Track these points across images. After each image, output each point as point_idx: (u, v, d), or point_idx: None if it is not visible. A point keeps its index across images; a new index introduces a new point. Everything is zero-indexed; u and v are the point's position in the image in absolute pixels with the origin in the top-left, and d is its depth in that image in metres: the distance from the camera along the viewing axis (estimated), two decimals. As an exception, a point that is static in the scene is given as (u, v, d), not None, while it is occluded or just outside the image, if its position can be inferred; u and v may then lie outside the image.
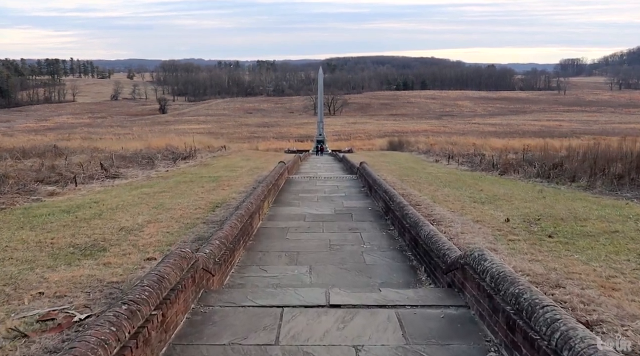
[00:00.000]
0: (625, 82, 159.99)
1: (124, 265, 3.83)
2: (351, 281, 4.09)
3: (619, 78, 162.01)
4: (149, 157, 17.81)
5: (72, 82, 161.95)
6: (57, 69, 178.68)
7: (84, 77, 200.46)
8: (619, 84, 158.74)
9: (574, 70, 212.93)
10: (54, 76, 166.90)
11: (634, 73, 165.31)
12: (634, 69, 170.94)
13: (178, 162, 17.29)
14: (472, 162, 17.98)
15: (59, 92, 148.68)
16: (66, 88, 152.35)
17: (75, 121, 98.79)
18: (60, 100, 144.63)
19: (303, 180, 11.29)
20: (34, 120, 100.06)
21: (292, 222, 6.56)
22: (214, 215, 6.14)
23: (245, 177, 10.78)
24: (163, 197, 7.77)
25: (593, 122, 79.21)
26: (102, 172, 12.68)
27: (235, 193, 8.01)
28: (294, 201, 8.32)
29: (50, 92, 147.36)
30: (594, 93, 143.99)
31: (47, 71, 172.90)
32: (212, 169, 14.03)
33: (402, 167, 14.91)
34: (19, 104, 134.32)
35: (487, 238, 4.69)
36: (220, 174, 12.03)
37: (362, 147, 48.66)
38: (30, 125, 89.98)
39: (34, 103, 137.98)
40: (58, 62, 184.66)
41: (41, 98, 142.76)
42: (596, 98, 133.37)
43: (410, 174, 11.84)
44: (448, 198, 7.47)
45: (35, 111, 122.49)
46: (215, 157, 20.56)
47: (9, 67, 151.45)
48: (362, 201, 8.35)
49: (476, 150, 23.86)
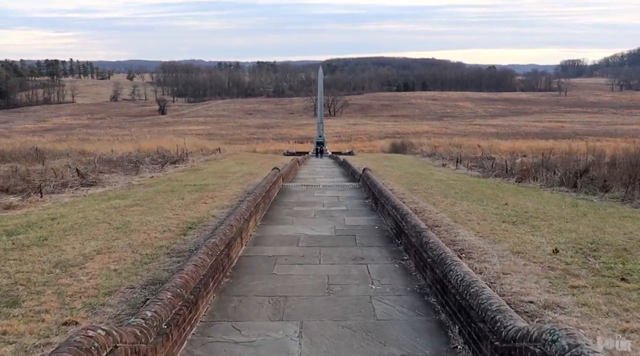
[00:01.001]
0: (626, 83, 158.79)
1: (21, 340, 2.60)
2: (358, 353, 2.88)
3: (620, 79, 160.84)
4: (136, 161, 16.62)
5: (71, 83, 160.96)
6: (57, 70, 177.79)
7: (84, 78, 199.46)
8: (619, 85, 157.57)
9: (575, 71, 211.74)
10: (53, 77, 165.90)
11: (634, 74, 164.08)
12: (634, 70, 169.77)
13: (167, 167, 16.09)
14: (482, 167, 16.78)
15: (58, 93, 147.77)
16: (65, 89, 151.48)
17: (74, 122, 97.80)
18: (60, 101, 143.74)
19: (299, 190, 10.06)
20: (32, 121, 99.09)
21: (282, 248, 5.34)
22: (184, 241, 4.93)
23: (233, 186, 9.57)
24: (132, 213, 6.57)
25: (595, 123, 78.19)
26: (79, 179, 11.49)
27: (217, 208, 6.81)
28: (287, 217, 7.10)
29: (50, 93, 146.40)
30: (595, 94, 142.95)
31: (46, 72, 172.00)
32: (200, 175, 12.82)
33: (408, 173, 13.70)
34: (18, 105, 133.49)
35: (541, 283, 3.48)
36: (207, 182, 10.83)
37: (362, 148, 47.43)
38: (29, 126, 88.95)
39: (33, 104, 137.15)
40: (57, 63, 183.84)
41: (40, 100, 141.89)
42: (597, 100, 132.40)
43: (419, 182, 10.62)
44: (470, 215, 6.26)
45: (34, 112, 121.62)
46: (209, 160, 19.34)
47: (8, 68, 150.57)
48: (367, 217, 7.14)
49: (484, 153, 22.66)
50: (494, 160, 19.59)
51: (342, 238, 5.79)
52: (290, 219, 6.93)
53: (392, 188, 8.96)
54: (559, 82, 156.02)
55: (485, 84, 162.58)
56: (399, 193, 8.21)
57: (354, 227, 6.41)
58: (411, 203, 7.16)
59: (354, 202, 8.46)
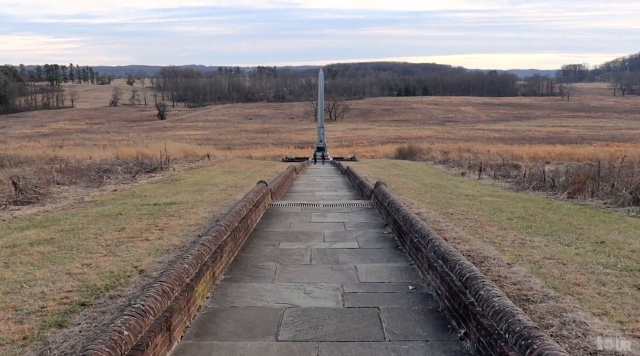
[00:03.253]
0: (628, 88, 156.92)
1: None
2: None
3: (622, 84, 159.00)
4: (105, 170, 14.21)
5: (71, 88, 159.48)
6: (57, 75, 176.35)
7: (84, 83, 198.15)
8: (622, 89, 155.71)
9: (576, 76, 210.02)
10: (52, 82, 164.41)
11: (636, 79, 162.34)
12: (636, 75, 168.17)
13: (140, 176, 13.65)
14: (509, 176, 14.30)
15: (58, 98, 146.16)
16: (65, 94, 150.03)
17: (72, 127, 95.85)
18: (59, 106, 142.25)
19: (292, 211, 7.58)
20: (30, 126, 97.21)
21: (248, 348, 2.88)
22: (53, 339, 2.49)
23: (203, 207, 7.12)
24: (14, 266, 4.13)
25: (600, 128, 76.13)
26: (14, 195, 9.08)
27: (158, 253, 4.35)
28: (267, 264, 4.62)
29: (49, 98, 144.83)
30: (597, 98, 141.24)
31: (46, 77, 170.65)
32: (173, 188, 10.39)
33: (427, 185, 11.23)
34: (17, 110, 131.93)
35: None
36: (176, 198, 8.40)
37: (365, 153, 45.00)
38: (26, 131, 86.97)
39: (32, 109, 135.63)
40: (57, 68, 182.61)
41: (39, 104, 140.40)
42: (600, 104, 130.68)
43: (449, 200, 8.14)
44: (567, 270, 3.80)
45: (33, 117, 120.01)
46: (193, 168, 16.86)
47: (7, 72, 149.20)
48: (392, 265, 4.65)
49: (504, 160, 20.23)
50: (517, 167, 17.19)
51: (357, 317, 3.32)
52: (272, 269, 4.45)
53: (418, 210, 6.52)
54: (561, 87, 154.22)
55: (486, 89, 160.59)
56: (432, 221, 5.77)
57: (374, 288, 3.94)
58: (458, 240, 4.71)
59: (368, 234, 5.98)
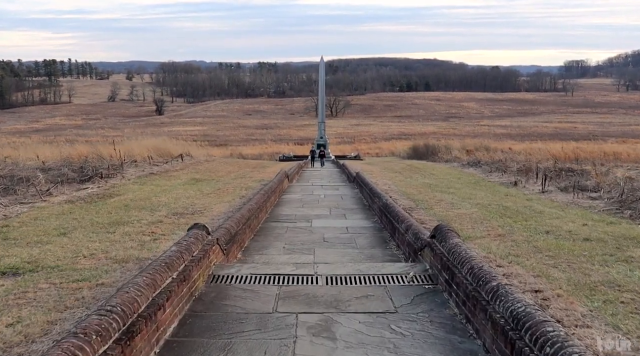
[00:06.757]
0: (632, 84, 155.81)
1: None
2: None
3: (625, 79, 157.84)
4: (21, 177, 8.59)
5: (68, 83, 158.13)
6: (55, 70, 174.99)
7: (82, 78, 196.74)
8: (625, 85, 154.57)
9: (579, 72, 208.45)
10: (50, 77, 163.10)
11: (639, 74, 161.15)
12: (639, 71, 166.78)
13: (66, 187, 8.68)
14: (588, 188, 8.61)
15: (55, 93, 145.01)
16: (62, 89, 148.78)
17: (67, 123, 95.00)
18: (56, 102, 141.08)
19: (252, 311, 3.06)
20: (25, 122, 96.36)
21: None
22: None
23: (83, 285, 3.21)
24: None
25: (608, 124, 75.38)
26: None
27: None
28: None
29: (46, 93, 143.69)
30: (601, 94, 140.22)
31: (44, 72, 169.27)
32: (79, 219, 5.83)
33: (489, 210, 6.66)
34: (13, 106, 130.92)
35: None
36: (50, 248, 4.31)
37: (368, 151, 43.54)
38: (19, 126, 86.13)
39: (29, 104, 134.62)
40: (55, 63, 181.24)
41: (36, 100, 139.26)
42: (605, 100, 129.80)
43: (592, 267, 3.59)
44: None
45: (29, 113, 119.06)
46: (154, 173, 12.18)
47: (4, 67, 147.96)
48: None
49: (557, 162, 13.76)
50: (584, 173, 10.42)
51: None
52: None
53: (543, 295, 2.81)
54: (564, 83, 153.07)
55: (489, 85, 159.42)
56: None
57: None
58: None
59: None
